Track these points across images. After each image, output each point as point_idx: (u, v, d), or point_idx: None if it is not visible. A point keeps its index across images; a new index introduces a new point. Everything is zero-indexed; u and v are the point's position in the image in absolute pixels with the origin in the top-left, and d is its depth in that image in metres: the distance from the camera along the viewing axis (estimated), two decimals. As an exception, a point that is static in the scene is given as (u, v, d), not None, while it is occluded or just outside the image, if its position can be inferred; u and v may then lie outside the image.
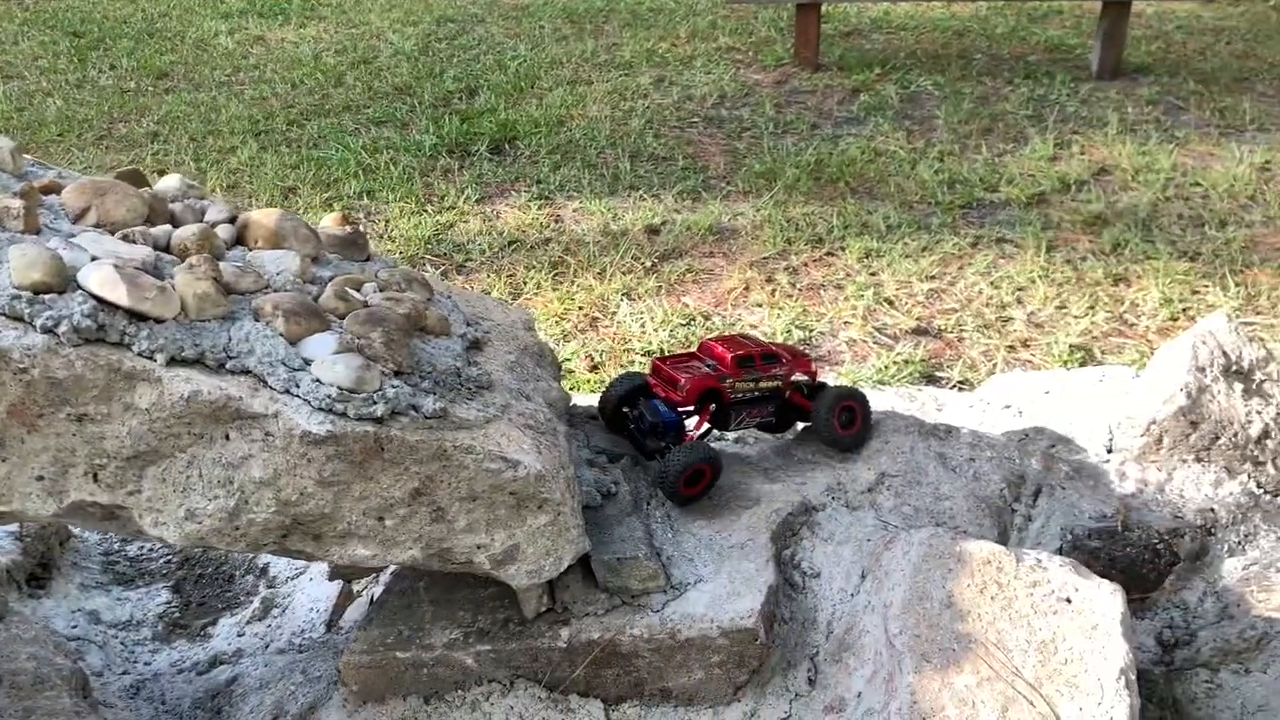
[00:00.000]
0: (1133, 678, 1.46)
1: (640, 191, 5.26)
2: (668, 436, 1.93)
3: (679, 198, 5.20)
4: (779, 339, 3.99)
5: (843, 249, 4.70)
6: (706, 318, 4.17)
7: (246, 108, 6.33)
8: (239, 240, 1.66)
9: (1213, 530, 1.90)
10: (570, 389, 3.74)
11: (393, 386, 1.44)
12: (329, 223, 1.81)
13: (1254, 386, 2.03)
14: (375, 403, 1.41)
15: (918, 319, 4.19)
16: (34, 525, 2.30)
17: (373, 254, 1.83)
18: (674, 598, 1.72)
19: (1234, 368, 2.03)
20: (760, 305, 4.25)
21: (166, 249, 1.52)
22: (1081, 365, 3.95)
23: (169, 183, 1.72)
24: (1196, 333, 2.09)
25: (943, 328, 4.15)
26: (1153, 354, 3.98)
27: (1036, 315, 4.21)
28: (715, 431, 2.11)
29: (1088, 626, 1.50)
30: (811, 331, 4.07)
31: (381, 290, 1.68)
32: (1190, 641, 1.78)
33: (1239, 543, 1.88)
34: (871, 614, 1.64)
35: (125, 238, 1.46)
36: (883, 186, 5.31)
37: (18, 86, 6.87)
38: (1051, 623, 1.52)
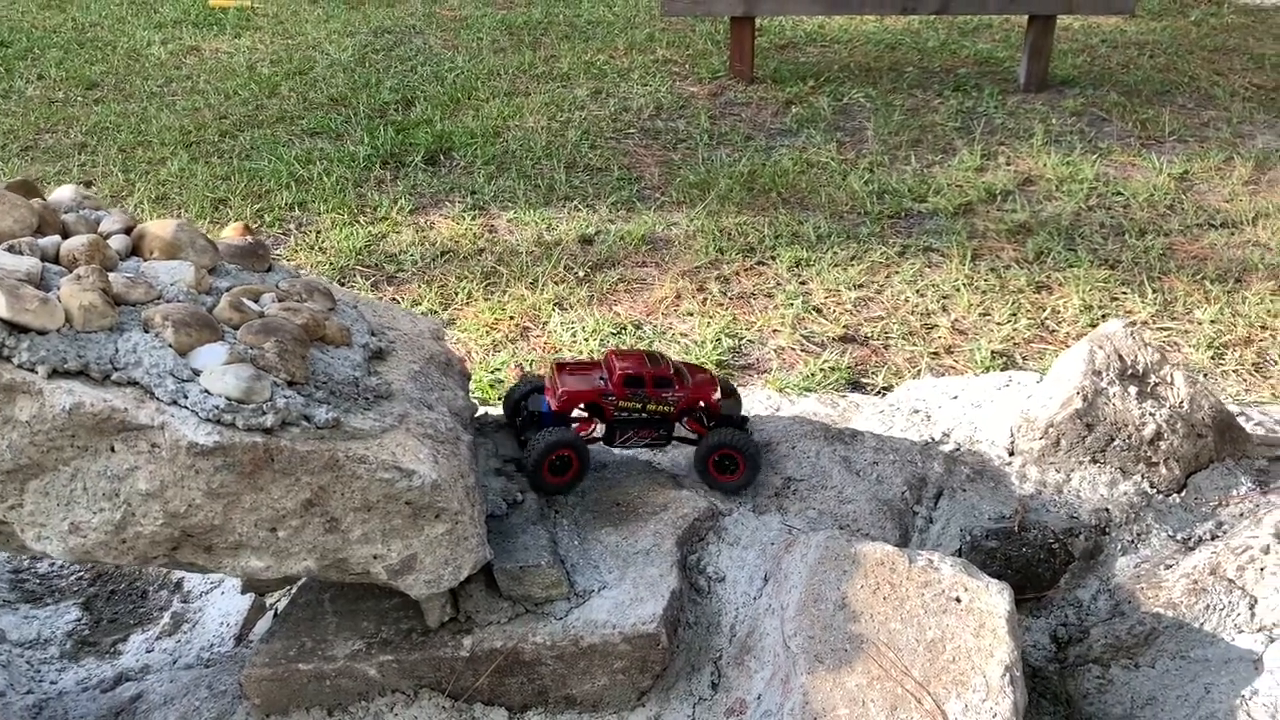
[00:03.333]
0: (1018, 674, 1.49)
1: (575, 202, 5.28)
2: (542, 429, 1.94)
3: (613, 208, 5.22)
4: (709, 348, 4.03)
5: (773, 258, 4.75)
6: (638, 327, 4.19)
7: (178, 118, 6.26)
8: (135, 251, 1.64)
9: (1107, 530, 1.95)
10: (499, 398, 3.75)
11: (284, 397, 1.44)
12: (230, 233, 1.80)
13: (1148, 389, 2.09)
14: (265, 413, 1.40)
15: (845, 327, 4.24)
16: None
17: (275, 264, 1.82)
18: (577, 605, 1.73)
19: (1129, 371, 2.09)
20: (691, 314, 4.28)
21: (56, 260, 1.50)
22: (1003, 370, 4.03)
23: (62, 193, 1.71)
24: (1093, 338, 2.14)
25: (869, 335, 4.20)
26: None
27: (960, 322, 4.28)
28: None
29: (976, 625, 1.54)
30: (741, 340, 4.11)
31: (280, 301, 1.67)
32: (1083, 639, 1.82)
33: (1132, 541, 1.93)
34: (772, 616, 1.66)
35: (11, 249, 1.45)
36: (814, 197, 5.37)
37: (-59, 97, 6.73)
38: (941, 622, 1.56)
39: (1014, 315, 4.32)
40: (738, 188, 5.42)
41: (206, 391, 1.39)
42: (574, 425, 2.01)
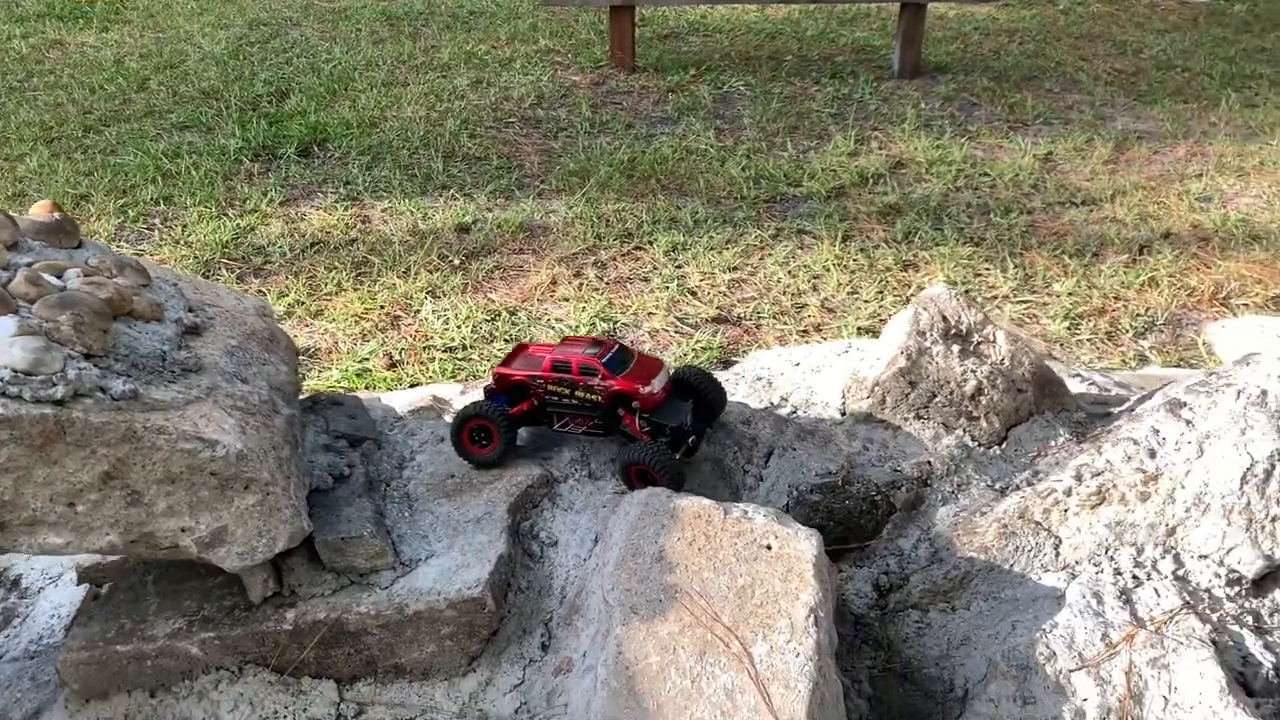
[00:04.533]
0: (822, 615, 1.54)
1: (452, 191, 5.25)
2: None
3: (492, 196, 5.20)
4: (582, 331, 4.04)
5: (651, 243, 4.79)
6: (512, 313, 4.18)
7: (39, 114, 6.06)
8: (-74, 228, 1.59)
9: (928, 481, 2.02)
10: (366, 387, 3.71)
11: (77, 368, 1.41)
12: (36, 211, 1.75)
13: (971, 348, 2.16)
14: (55, 384, 1.37)
15: (719, 308, 4.30)
16: None
17: (85, 242, 1.78)
18: (403, 574, 1.73)
19: (953, 331, 2.16)
20: (567, 299, 4.29)
21: None
22: (871, 346, 4.13)
23: None
24: (919, 300, 2.21)
25: (742, 315, 4.27)
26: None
27: (830, 301, 4.37)
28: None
29: (784, 570, 1.58)
30: (616, 323, 4.13)
31: (87, 276, 1.64)
32: (903, 585, 1.88)
33: (952, 492, 2.00)
34: (598, 575, 1.68)
35: None
36: (692, 183, 5.42)
37: None
38: (752, 569, 1.60)
39: (880, 293, 4.42)
40: (617, 175, 5.44)
41: (-9, 364, 1.35)
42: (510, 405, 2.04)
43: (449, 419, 2.14)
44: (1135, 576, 1.75)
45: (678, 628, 1.54)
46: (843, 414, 2.18)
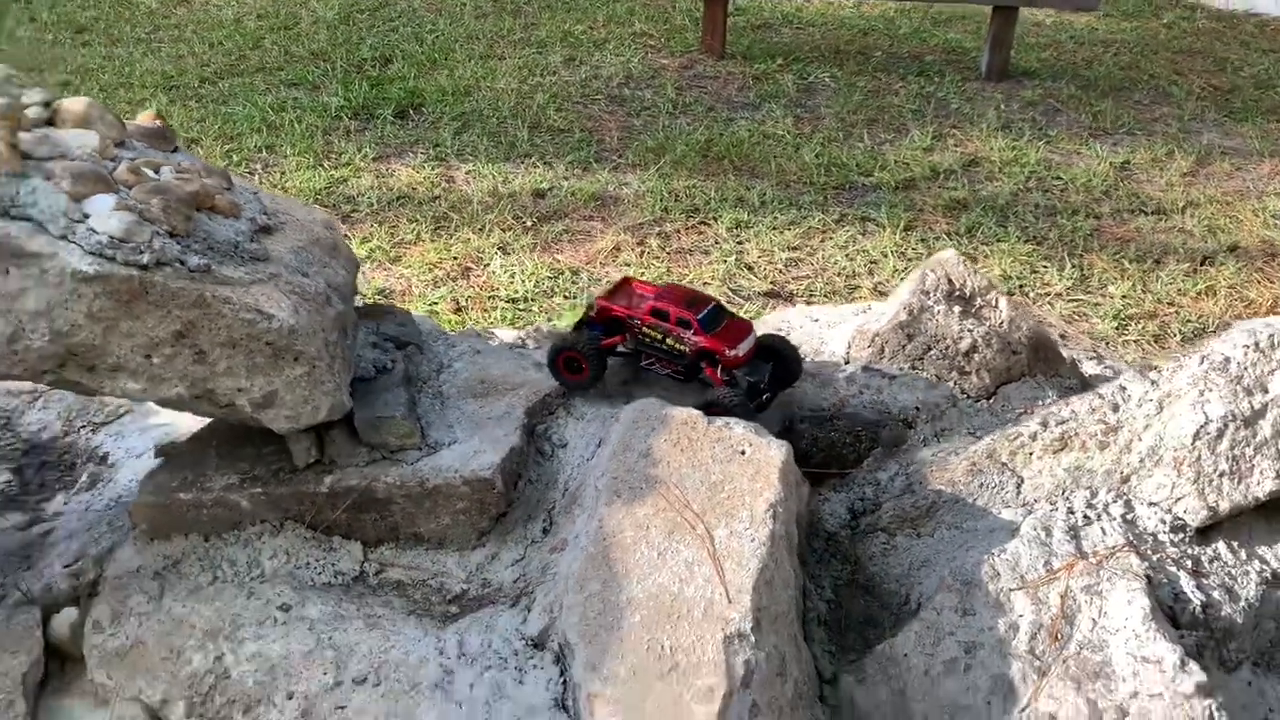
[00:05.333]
0: (780, 512, 1.74)
1: (533, 159, 5.51)
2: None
3: (570, 166, 5.45)
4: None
5: (715, 219, 4.98)
6: (575, 273, 4.43)
7: (161, 64, 6.49)
8: (50, 123, 1.88)
9: (913, 424, 2.19)
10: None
11: (162, 242, 1.68)
12: (142, 119, 2.04)
13: (972, 310, 2.33)
14: (142, 252, 1.64)
15: (773, 283, 4.49)
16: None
17: (180, 148, 2.06)
18: (428, 454, 1.97)
19: (956, 293, 2.33)
20: (628, 265, 4.52)
21: (-24, 120, 1.74)
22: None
23: (-4, 71, 1.94)
24: (928, 263, 2.38)
25: (794, 292, 4.45)
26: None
27: (883, 285, 4.52)
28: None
29: (753, 472, 1.78)
30: (670, 289, 4.34)
31: (179, 173, 1.91)
32: (875, 510, 2.06)
33: (934, 435, 2.17)
34: (595, 471, 1.90)
35: (-66, 104, 1.69)
36: (764, 166, 5.60)
37: (-63, 33, 6.96)
38: (725, 469, 1.80)
39: (935, 281, 4.53)
40: (692, 154, 5.65)
41: (93, 230, 1.63)
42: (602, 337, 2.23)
43: (488, 339, 2.38)
44: (1086, 516, 1.90)
45: (653, 510, 1.75)
46: (846, 362, 2.36)
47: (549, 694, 1.66)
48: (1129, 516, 1.90)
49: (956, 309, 2.29)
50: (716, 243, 4.78)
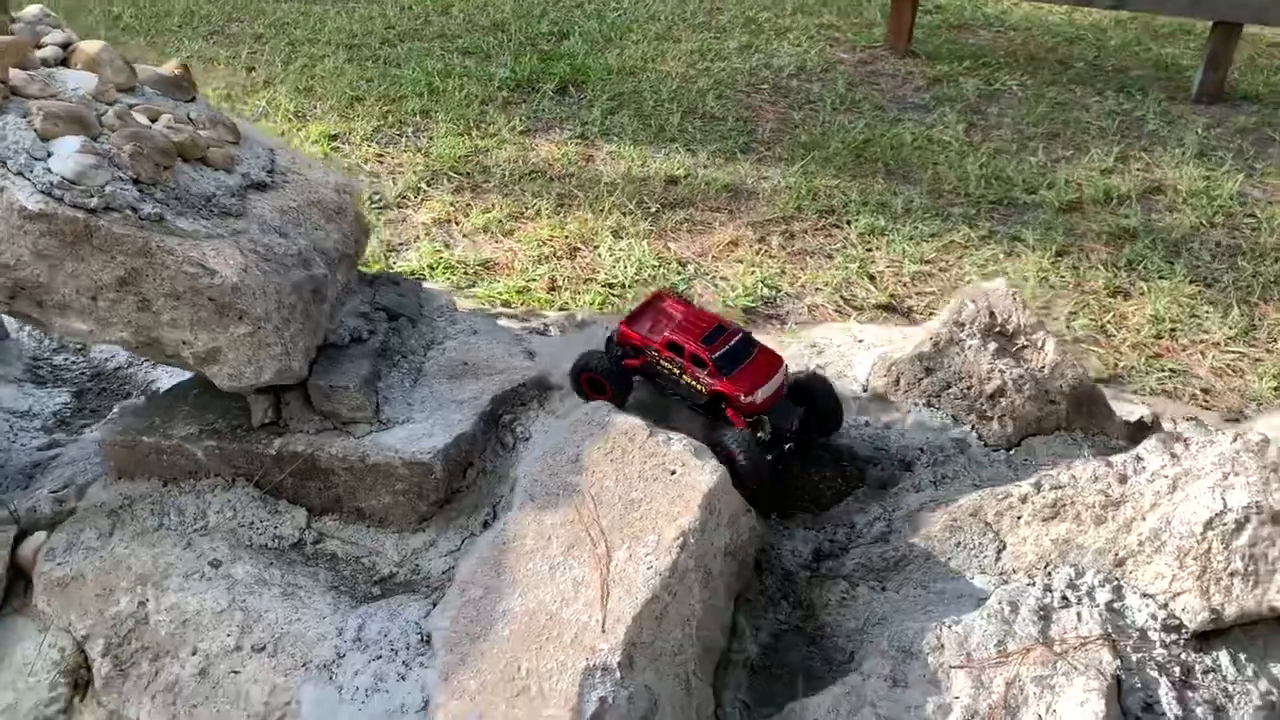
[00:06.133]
0: (693, 542, 1.60)
1: (678, 145, 5.41)
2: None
3: (713, 155, 5.33)
4: (741, 293, 4.11)
5: (849, 223, 4.76)
6: (683, 264, 4.32)
7: (349, 23, 6.77)
8: (64, 63, 1.94)
9: (911, 466, 1.99)
10: (522, 303, 3.98)
11: (118, 188, 1.70)
12: (165, 67, 2.08)
13: (1012, 350, 2.09)
14: (92, 195, 1.67)
15: (891, 296, 4.23)
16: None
17: (198, 98, 2.09)
18: (378, 430, 1.93)
19: (997, 329, 2.10)
20: (741, 261, 4.37)
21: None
22: (1038, 363, 3.94)
23: (31, 9, 2.03)
24: (969, 292, 2.15)
25: (911, 308, 4.18)
26: (1119, 364, 3.95)
27: (1013, 311, 4.19)
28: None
29: (675, 495, 1.65)
30: (779, 291, 4.18)
31: (179, 123, 1.94)
32: (842, 555, 1.88)
33: (933, 481, 1.96)
34: (521, 470, 1.82)
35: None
36: (920, 172, 5.30)
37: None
38: (649, 487, 1.67)
39: (1074, 314, 4.19)
40: (845, 153, 5.41)
41: (49, 170, 1.66)
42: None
43: (501, 320, 2.31)
44: (1065, 598, 1.67)
45: (561, 521, 1.65)
46: (864, 389, 2.17)
47: (422, 696, 1.59)
48: (1116, 605, 1.65)
49: (992, 346, 2.06)
50: (844, 247, 4.56)
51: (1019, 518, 1.78)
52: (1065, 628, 1.62)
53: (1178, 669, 1.61)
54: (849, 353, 2.31)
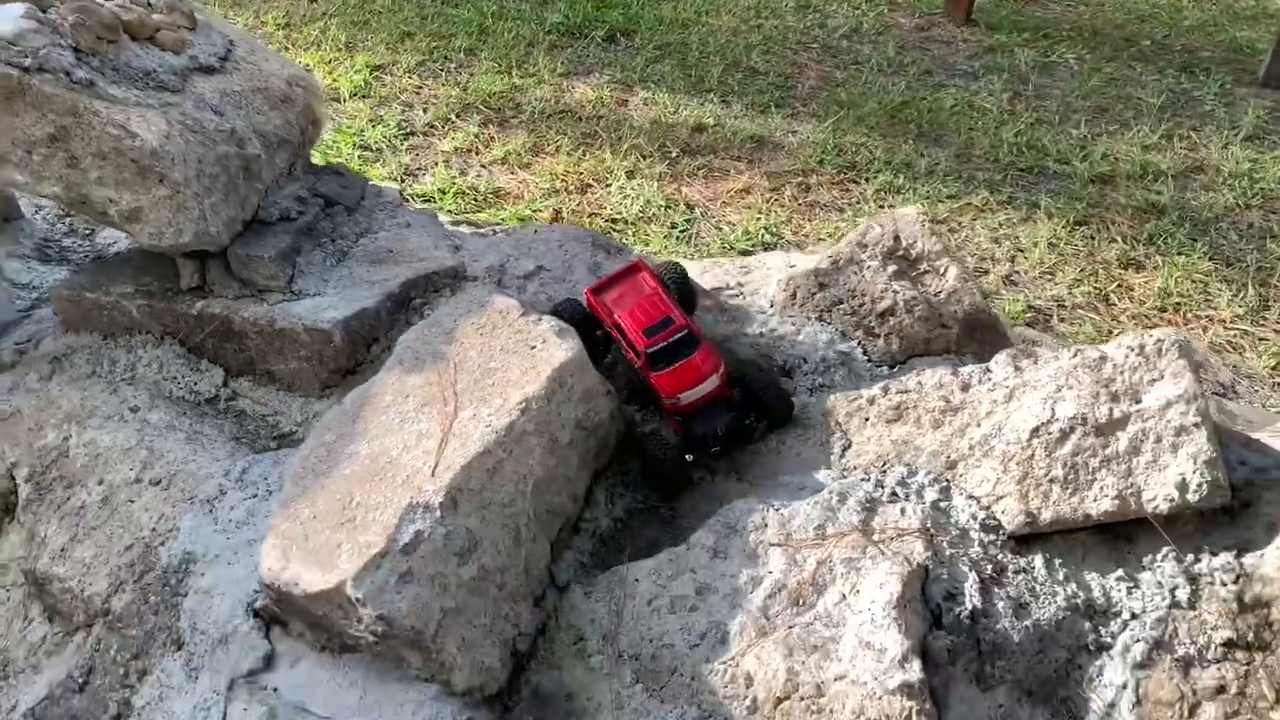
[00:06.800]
0: (534, 408, 1.71)
1: (713, 95, 5.47)
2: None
3: (747, 107, 5.37)
4: (741, 236, 4.18)
5: (868, 180, 4.77)
6: (691, 207, 4.40)
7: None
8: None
9: (791, 375, 2.06)
10: (520, 221, 4.10)
11: (54, 52, 1.87)
12: (133, -44, 2.24)
13: (912, 274, 2.14)
14: (26, 56, 1.83)
15: (894, 251, 4.25)
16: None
17: (163, -12, 2.25)
18: (289, 300, 2.08)
19: (899, 252, 2.15)
20: (750, 208, 4.43)
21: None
22: (1030, 326, 3.94)
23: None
24: (879, 217, 2.21)
25: (912, 263, 4.19)
26: (1118, 333, 3.93)
27: (1017, 275, 4.19)
28: None
29: (528, 367, 1.76)
30: (780, 238, 4.24)
31: (133, 4, 2.10)
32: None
33: (809, 389, 2.03)
34: (401, 338, 1.95)
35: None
36: (953, 137, 5.27)
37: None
38: (507, 359, 1.79)
39: (1079, 281, 4.17)
40: (880, 113, 5.41)
41: (-9, 32, 1.83)
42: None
43: (443, 218, 2.42)
44: (894, 494, 1.74)
45: (422, 382, 1.77)
46: (770, 305, 2.25)
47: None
48: (942, 504, 1.72)
49: (891, 268, 2.12)
50: (858, 202, 4.58)
51: (866, 419, 1.85)
52: (887, 520, 1.69)
53: (990, 566, 1.66)
54: (773, 274, 2.38)
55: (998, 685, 1.59)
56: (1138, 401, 1.66)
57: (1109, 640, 1.60)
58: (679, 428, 1.93)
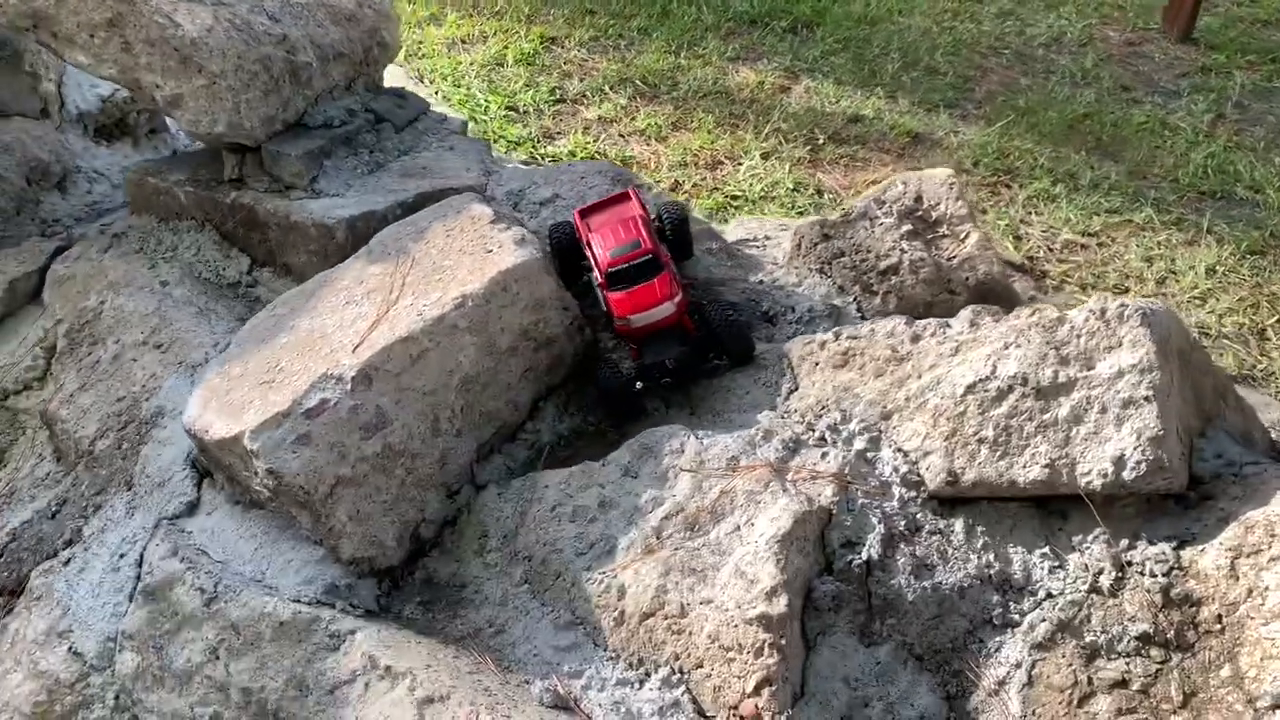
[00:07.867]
0: (469, 305, 1.74)
1: (881, 91, 5.33)
2: None
3: (914, 105, 5.21)
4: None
5: (1020, 184, 4.53)
6: (820, 193, 4.31)
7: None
8: None
9: (774, 321, 2.00)
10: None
11: (119, -56, 2.05)
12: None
13: (929, 236, 2.04)
14: (92, -55, 2.02)
15: (1028, 258, 4.02)
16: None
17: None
18: (309, 197, 2.20)
19: (918, 213, 2.05)
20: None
21: None
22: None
23: None
24: (908, 175, 2.11)
25: (1045, 273, 3.96)
26: (1257, 366, 3.59)
27: (1160, 298, 3.87)
28: None
29: (477, 267, 1.79)
30: (906, 231, 4.08)
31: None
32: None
33: (788, 336, 1.97)
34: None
35: None
36: (1132, 152, 4.93)
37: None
38: (462, 259, 1.82)
39: (1233, 310, 3.83)
40: (1059, 121, 5.12)
41: (69, -78, 2.03)
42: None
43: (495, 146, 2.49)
44: (822, 438, 1.66)
45: (379, 272, 1.84)
46: (785, 257, 2.19)
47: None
48: (869, 455, 1.63)
49: (905, 228, 2.02)
50: (1001, 205, 4.36)
51: (816, 363, 1.76)
52: (805, 461, 1.62)
53: (902, 522, 1.56)
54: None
55: (882, 643, 1.49)
56: (1090, 368, 1.51)
57: (1016, 618, 1.47)
58: (636, 355, 1.91)
